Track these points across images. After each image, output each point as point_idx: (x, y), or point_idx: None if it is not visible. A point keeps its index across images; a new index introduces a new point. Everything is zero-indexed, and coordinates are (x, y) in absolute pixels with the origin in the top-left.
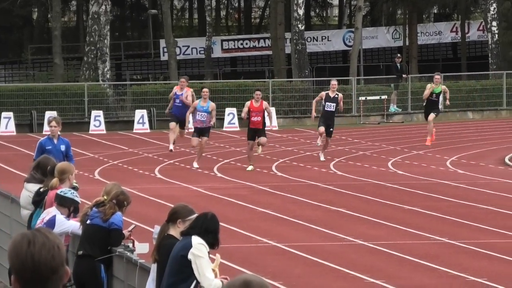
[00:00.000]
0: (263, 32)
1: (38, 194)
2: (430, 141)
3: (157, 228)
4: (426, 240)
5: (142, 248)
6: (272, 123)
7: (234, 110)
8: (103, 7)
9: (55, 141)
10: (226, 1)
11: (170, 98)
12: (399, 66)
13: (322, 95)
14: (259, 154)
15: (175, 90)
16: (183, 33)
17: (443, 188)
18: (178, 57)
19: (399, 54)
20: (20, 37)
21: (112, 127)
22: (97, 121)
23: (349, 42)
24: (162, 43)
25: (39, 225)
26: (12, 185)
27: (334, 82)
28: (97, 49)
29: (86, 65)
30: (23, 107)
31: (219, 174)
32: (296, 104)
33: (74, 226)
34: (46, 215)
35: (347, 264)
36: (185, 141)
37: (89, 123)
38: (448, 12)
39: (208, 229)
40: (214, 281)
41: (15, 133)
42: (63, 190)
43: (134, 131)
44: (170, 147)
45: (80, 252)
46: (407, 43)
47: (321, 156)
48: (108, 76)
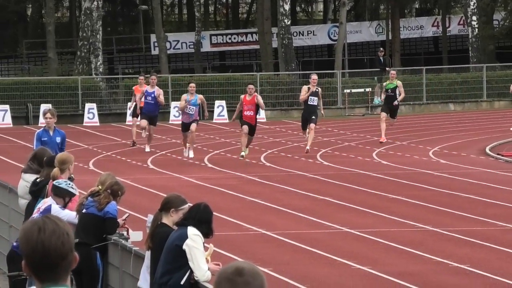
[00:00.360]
0: (250, 27)
1: (35, 184)
2: (383, 138)
3: (150, 217)
4: (411, 228)
5: (136, 236)
6: (261, 115)
7: (223, 103)
8: (95, 3)
9: (51, 132)
10: None
11: (141, 97)
12: (382, 60)
13: (304, 89)
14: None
15: (146, 88)
16: (173, 28)
17: (426, 177)
18: (169, 51)
19: (381, 48)
20: (15, 32)
21: (105, 119)
22: (91, 114)
23: (334, 36)
24: (153, 37)
25: (35, 214)
26: (9, 175)
27: (314, 76)
28: (90, 43)
29: (80, 59)
30: (19, 100)
31: (209, 165)
32: (283, 97)
33: (70, 215)
34: (42, 205)
35: (334, 251)
36: (176, 133)
37: (83, 115)
38: (430, 7)
39: (201, 220)
40: (207, 272)
41: (11, 125)
42: (59, 181)
43: (127, 123)
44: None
45: (76, 240)
46: (390, 37)
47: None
48: (101, 70)
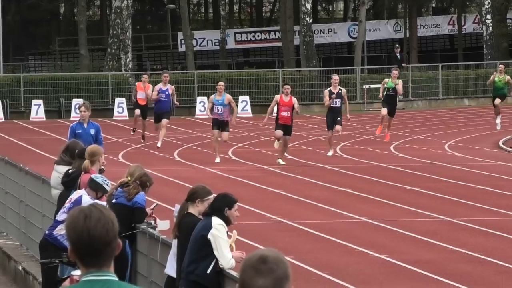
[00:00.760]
0: (273, 25)
1: (67, 175)
2: (381, 132)
3: (177, 207)
4: (426, 218)
5: (163, 225)
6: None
7: (247, 98)
8: (125, 2)
9: (85, 125)
10: None
11: (157, 94)
12: (399, 56)
13: (326, 93)
14: (275, 148)
15: (159, 86)
16: (199, 26)
17: (441, 170)
18: (195, 49)
19: (397, 45)
20: (48, 30)
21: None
22: (120, 108)
23: (354, 34)
24: (180, 35)
25: (67, 204)
26: (42, 167)
27: (335, 77)
28: (120, 41)
29: (110, 56)
30: (52, 95)
31: (233, 157)
32: (304, 92)
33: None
34: (74, 195)
35: (353, 240)
36: (201, 127)
37: (113, 109)
38: (446, 6)
39: (214, 208)
40: (231, 260)
41: (44, 119)
42: (96, 176)
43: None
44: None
45: None
46: (407, 35)
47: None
48: (130, 66)
